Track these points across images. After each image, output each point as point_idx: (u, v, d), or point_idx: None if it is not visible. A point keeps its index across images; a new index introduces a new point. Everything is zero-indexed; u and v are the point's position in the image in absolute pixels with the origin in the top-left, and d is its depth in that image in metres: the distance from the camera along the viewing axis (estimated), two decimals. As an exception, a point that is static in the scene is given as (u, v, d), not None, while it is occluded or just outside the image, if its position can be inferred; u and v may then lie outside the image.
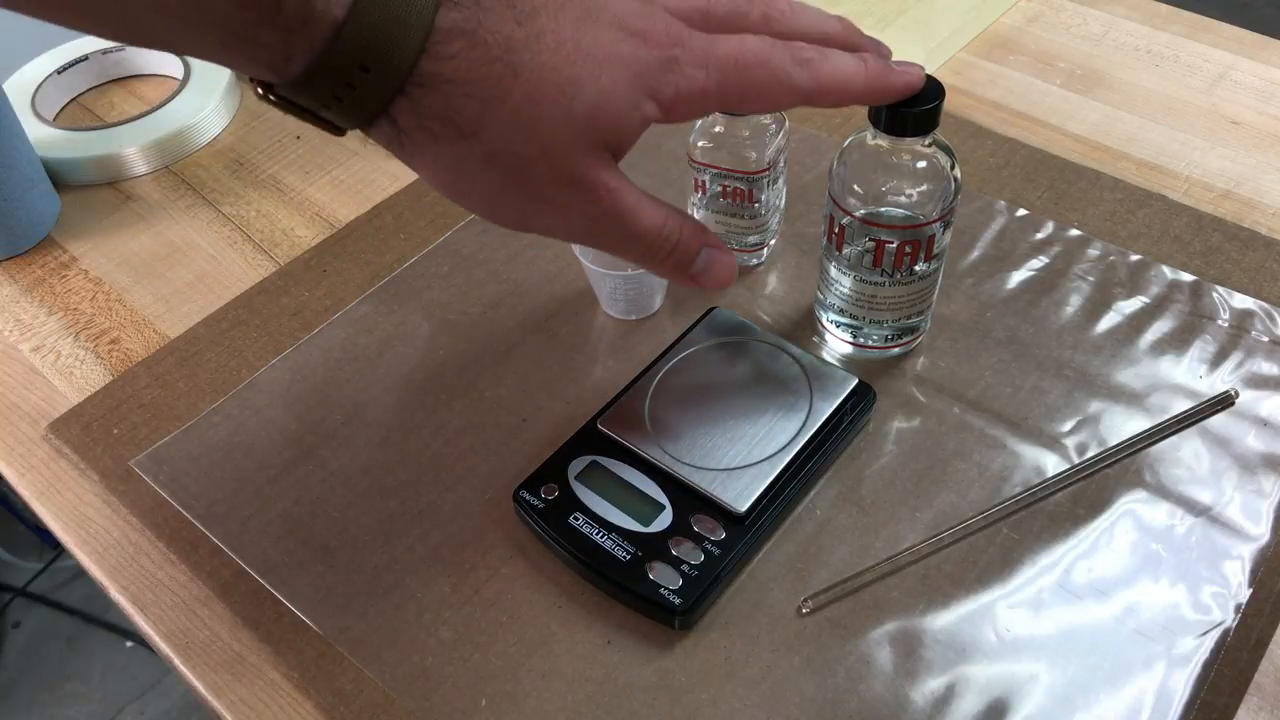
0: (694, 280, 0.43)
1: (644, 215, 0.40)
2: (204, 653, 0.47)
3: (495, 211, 0.39)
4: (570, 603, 0.48)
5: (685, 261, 0.42)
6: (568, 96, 0.36)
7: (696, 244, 0.42)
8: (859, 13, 0.78)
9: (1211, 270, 0.61)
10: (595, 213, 0.39)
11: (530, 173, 0.37)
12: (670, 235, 0.41)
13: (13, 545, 1.54)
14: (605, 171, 0.38)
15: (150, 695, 1.43)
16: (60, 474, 0.55)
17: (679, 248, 0.41)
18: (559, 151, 0.37)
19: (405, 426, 0.55)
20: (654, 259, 0.42)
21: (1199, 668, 0.44)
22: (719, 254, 0.43)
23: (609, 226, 0.39)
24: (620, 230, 0.40)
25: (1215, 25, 0.81)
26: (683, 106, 0.39)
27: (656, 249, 0.41)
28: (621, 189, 0.39)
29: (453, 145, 0.36)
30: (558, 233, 0.40)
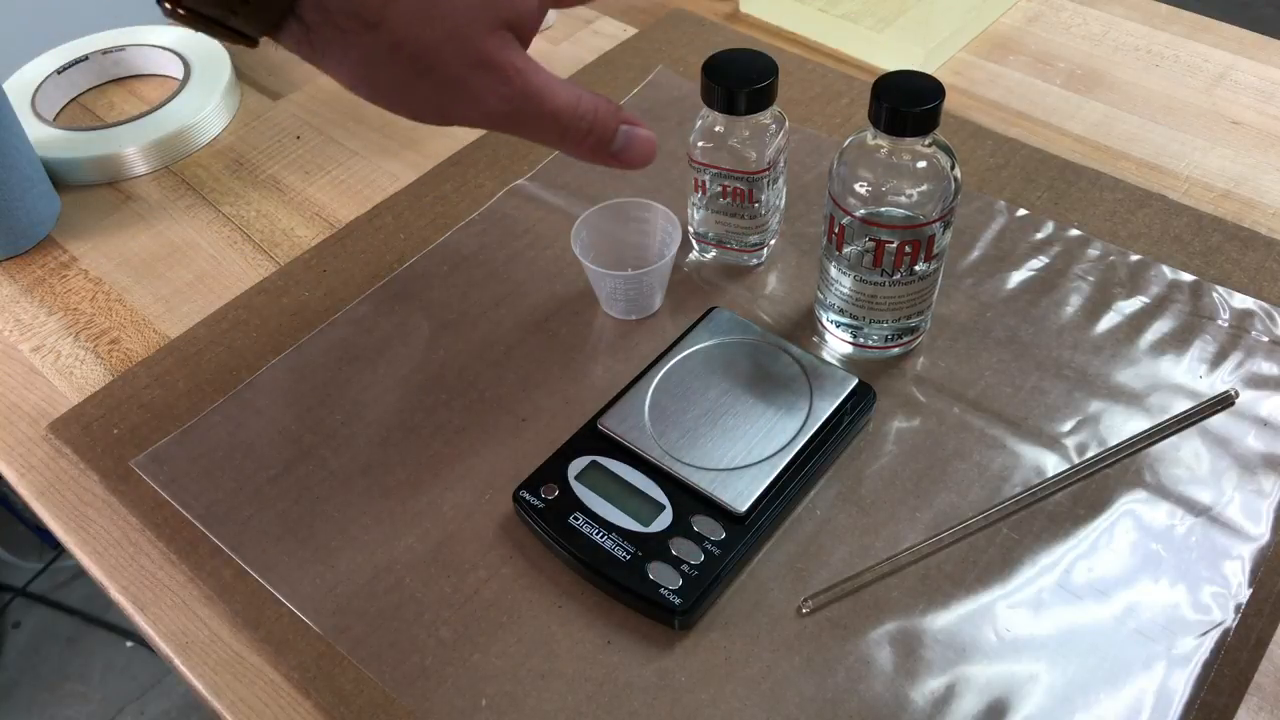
0: (615, 158, 0.44)
1: (557, 94, 0.41)
2: (204, 653, 0.47)
3: (411, 104, 0.40)
4: (570, 603, 0.48)
5: (604, 140, 0.43)
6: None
7: (614, 122, 0.43)
8: (859, 13, 0.78)
9: (1211, 270, 0.61)
10: (507, 92, 0.40)
11: (438, 58, 0.38)
12: (586, 114, 0.42)
13: (13, 545, 1.54)
14: (511, 52, 0.40)
15: (150, 695, 1.43)
16: (60, 474, 0.55)
17: (596, 125, 0.42)
18: (463, 33, 0.38)
19: (405, 426, 0.55)
20: (572, 139, 0.42)
21: (1199, 668, 0.44)
22: (637, 130, 0.44)
23: (523, 107, 0.40)
24: (534, 110, 0.41)
25: (1215, 25, 0.81)
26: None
27: (573, 128, 0.42)
28: (530, 68, 0.40)
29: (360, 38, 0.37)
30: (475, 118, 0.40)
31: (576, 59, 0.81)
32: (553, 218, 0.66)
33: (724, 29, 0.83)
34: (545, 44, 0.83)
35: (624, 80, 0.77)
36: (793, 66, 0.77)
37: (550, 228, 0.66)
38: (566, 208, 0.67)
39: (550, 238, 0.65)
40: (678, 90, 0.76)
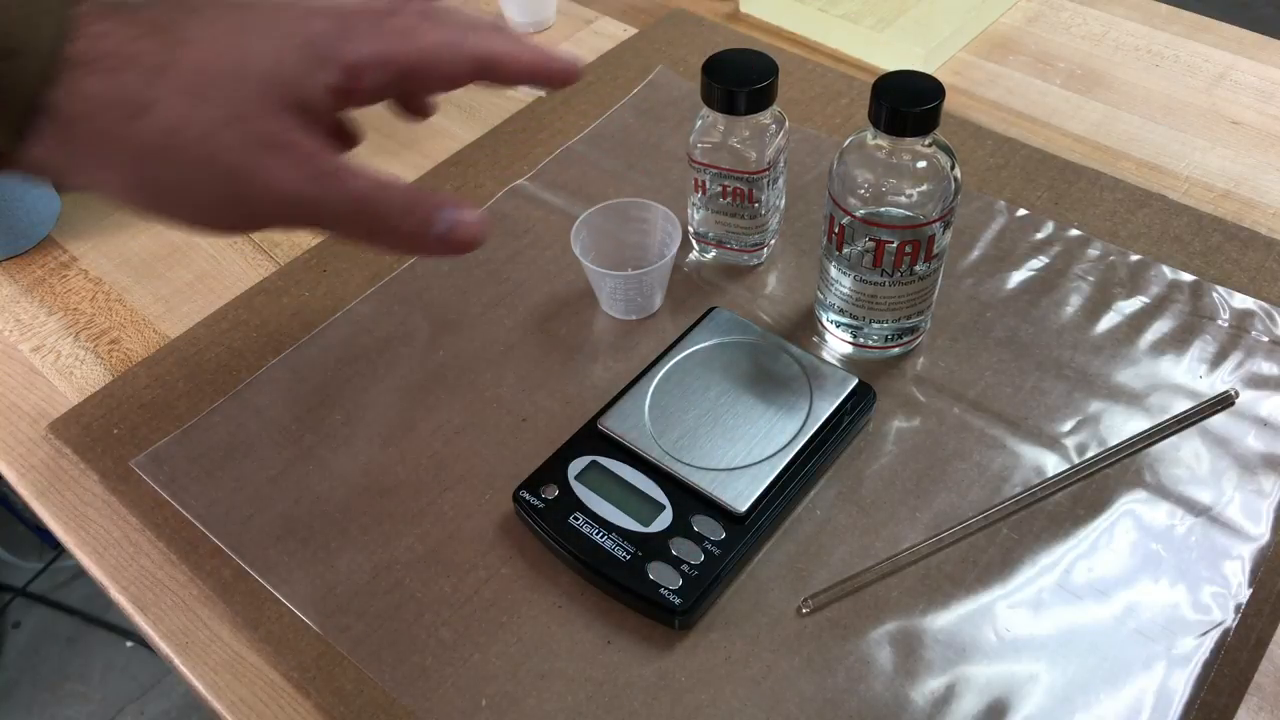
0: (442, 244, 0.39)
1: (362, 179, 0.37)
2: (204, 653, 0.47)
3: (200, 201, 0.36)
4: (570, 603, 0.48)
5: (425, 223, 0.39)
6: (239, 60, 0.35)
7: (432, 205, 0.39)
8: (859, 13, 0.78)
9: (1211, 270, 0.61)
10: (306, 172, 0.36)
11: (220, 141, 0.34)
12: (398, 197, 0.38)
13: (13, 545, 1.54)
14: (303, 133, 0.36)
15: (150, 695, 1.43)
16: (60, 474, 0.55)
17: (414, 208, 0.38)
18: (245, 113, 0.35)
19: (405, 426, 0.55)
20: (388, 224, 0.38)
21: (1199, 668, 0.44)
22: (461, 212, 0.39)
23: (327, 186, 0.36)
24: (340, 192, 0.37)
25: (1215, 25, 0.81)
26: (364, 75, 0.38)
27: (386, 212, 0.38)
28: (329, 149, 0.37)
29: (129, 128, 0.33)
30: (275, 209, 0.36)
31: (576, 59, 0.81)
32: (553, 218, 0.66)
33: (724, 29, 0.83)
34: (545, 44, 0.83)
35: (624, 80, 0.77)
36: (793, 66, 0.77)
37: (550, 228, 0.66)
38: (566, 208, 0.67)
39: (550, 238, 0.65)
40: (678, 90, 0.76)
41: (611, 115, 0.74)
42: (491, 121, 0.75)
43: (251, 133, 0.35)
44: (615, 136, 0.72)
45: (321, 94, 0.37)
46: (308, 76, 0.36)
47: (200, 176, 0.35)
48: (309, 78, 0.36)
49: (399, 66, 0.39)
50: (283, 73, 0.36)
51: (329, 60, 0.37)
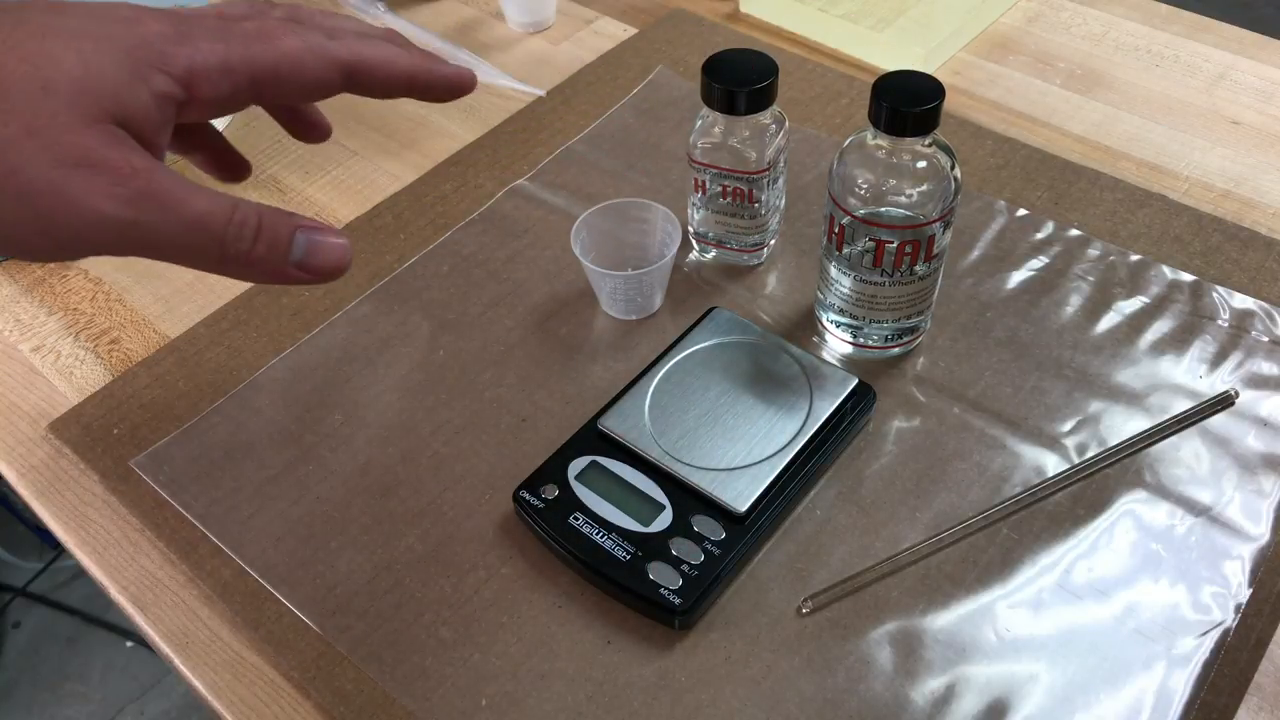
0: (300, 271, 0.35)
1: (198, 197, 0.33)
2: (204, 653, 0.47)
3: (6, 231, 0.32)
4: (570, 603, 0.48)
5: (278, 249, 0.35)
6: (40, 67, 0.31)
7: (286, 228, 0.35)
8: (859, 13, 0.78)
9: (1211, 270, 0.61)
10: (123, 193, 0.32)
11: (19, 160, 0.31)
12: (245, 219, 0.34)
13: (13, 545, 1.54)
14: (121, 149, 0.32)
15: (150, 695, 1.43)
16: (60, 474, 0.55)
17: (263, 233, 0.34)
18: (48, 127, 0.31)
19: (405, 426, 0.55)
20: (234, 251, 0.34)
21: (1199, 668, 0.44)
22: (320, 234, 0.35)
23: (153, 209, 0.32)
24: (169, 218, 0.32)
25: (1215, 25, 0.81)
26: (204, 82, 0.34)
27: (233, 237, 0.33)
28: (155, 168, 0.33)
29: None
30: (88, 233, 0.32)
31: (576, 59, 0.81)
32: (553, 218, 0.66)
33: (724, 29, 0.83)
34: (545, 44, 0.83)
35: (624, 80, 0.77)
36: (793, 66, 0.77)
37: (550, 228, 0.66)
38: (566, 208, 0.67)
39: (550, 238, 0.65)
40: (678, 90, 0.76)
41: (611, 115, 0.74)
42: (491, 121, 0.75)
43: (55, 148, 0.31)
44: (615, 136, 0.72)
45: (148, 104, 0.33)
46: (129, 86, 0.33)
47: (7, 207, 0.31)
48: (131, 87, 0.33)
49: (249, 73, 0.35)
50: (98, 82, 0.32)
51: (158, 67, 0.34)
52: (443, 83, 0.41)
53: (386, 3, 0.87)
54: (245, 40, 0.36)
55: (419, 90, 0.41)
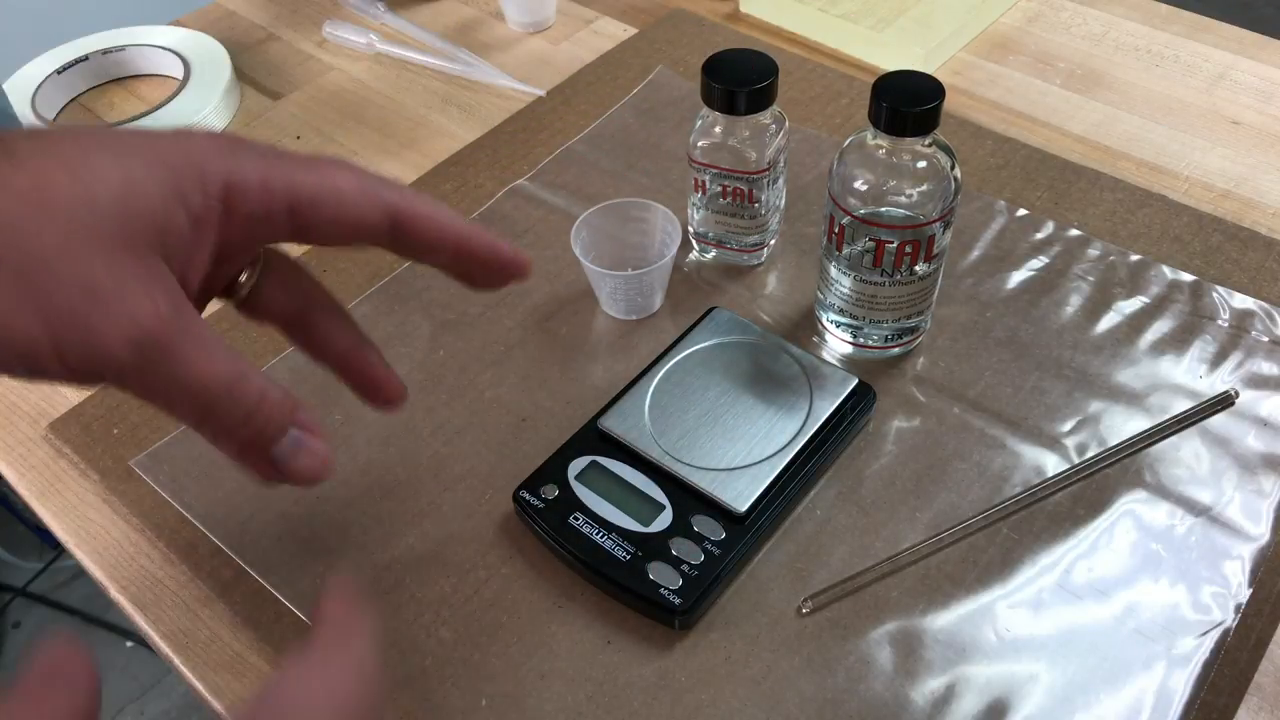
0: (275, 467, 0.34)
1: (210, 360, 0.32)
2: (204, 653, 0.47)
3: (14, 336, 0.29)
4: (570, 603, 0.48)
5: (266, 436, 0.33)
6: (84, 181, 0.29)
7: (281, 418, 0.33)
8: (859, 13, 0.78)
9: (1211, 270, 0.61)
10: (136, 334, 0.30)
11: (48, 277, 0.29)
12: (246, 397, 0.32)
13: (13, 545, 1.54)
14: (152, 282, 0.30)
15: (150, 695, 1.43)
16: (60, 474, 0.55)
17: (258, 415, 0.33)
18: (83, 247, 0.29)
19: (405, 426, 0.55)
20: (219, 422, 0.33)
21: (1199, 668, 0.44)
22: (311, 439, 0.35)
23: (157, 360, 0.31)
24: (172, 370, 0.31)
25: (1215, 25, 0.81)
26: (241, 199, 0.33)
27: (222, 411, 0.32)
28: (180, 314, 0.31)
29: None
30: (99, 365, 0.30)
31: (576, 59, 0.81)
32: (553, 218, 0.66)
33: (724, 29, 0.83)
34: (545, 44, 0.83)
35: (624, 80, 0.77)
36: (793, 66, 0.77)
37: (550, 228, 0.66)
38: (566, 208, 0.67)
39: (550, 238, 0.65)
40: (678, 90, 0.76)
41: (611, 115, 0.74)
42: (491, 121, 0.75)
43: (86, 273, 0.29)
44: (615, 136, 0.72)
45: (184, 226, 0.32)
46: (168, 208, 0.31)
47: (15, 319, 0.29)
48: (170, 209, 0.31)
49: (288, 197, 0.34)
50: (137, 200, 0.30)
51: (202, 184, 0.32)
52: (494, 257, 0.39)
53: (386, 3, 0.87)
54: (292, 165, 0.34)
55: (466, 258, 0.38)
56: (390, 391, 0.42)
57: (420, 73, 0.81)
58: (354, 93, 0.79)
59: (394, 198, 0.36)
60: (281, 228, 0.35)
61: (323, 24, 0.85)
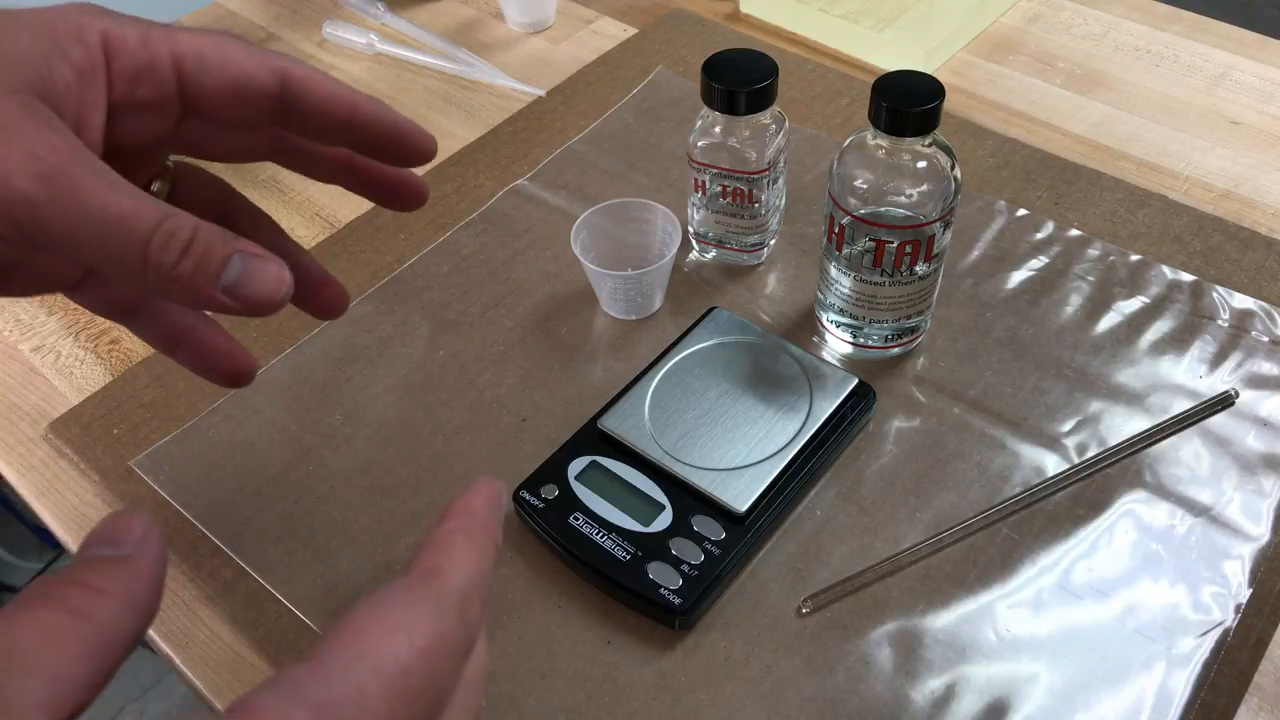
0: (228, 295, 0.31)
1: (119, 196, 0.30)
2: (204, 653, 0.47)
3: None
4: (570, 603, 0.48)
5: (208, 268, 0.31)
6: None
7: (220, 247, 0.31)
8: (859, 13, 0.78)
9: (1211, 270, 0.61)
10: (39, 169, 0.29)
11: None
12: (179, 230, 0.30)
13: (13, 545, 1.54)
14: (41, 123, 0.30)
15: (150, 695, 1.43)
16: (60, 474, 0.55)
17: (195, 246, 0.31)
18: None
19: (405, 426, 0.55)
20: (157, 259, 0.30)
21: (1199, 668, 0.44)
22: (259, 260, 0.32)
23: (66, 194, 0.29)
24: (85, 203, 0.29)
25: (1215, 25, 0.81)
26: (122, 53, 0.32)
27: (157, 245, 0.30)
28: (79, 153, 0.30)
29: None
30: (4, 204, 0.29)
31: (576, 59, 0.81)
32: (553, 218, 0.66)
33: (724, 29, 0.83)
34: (545, 44, 0.83)
35: (624, 80, 0.77)
36: (793, 66, 0.77)
37: (550, 228, 0.66)
38: (566, 208, 0.67)
39: (550, 238, 0.65)
40: (678, 90, 0.76)
41: (611, 115, 0.74)
42: (491, 121, 0.75)
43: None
44: (615, 136, 0.72)
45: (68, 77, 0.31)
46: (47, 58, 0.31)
47: None
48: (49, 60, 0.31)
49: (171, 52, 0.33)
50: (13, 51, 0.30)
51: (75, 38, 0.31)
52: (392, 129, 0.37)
53: (386, 3, 0.87)
54: (176, 30, 0.34)
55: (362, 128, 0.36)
56: (334, 294, 0.41)
57: (420, 73, 0.81)
58: (354, 93, 0.79)
59: (284, 63, 0.35)
60: (168, 90, 0.34)
61: (323, 24, 0.85)
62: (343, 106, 0.36)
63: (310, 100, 0.35)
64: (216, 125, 0.36)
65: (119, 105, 0.33)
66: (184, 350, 0.41)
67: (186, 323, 0.41)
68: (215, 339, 0.42)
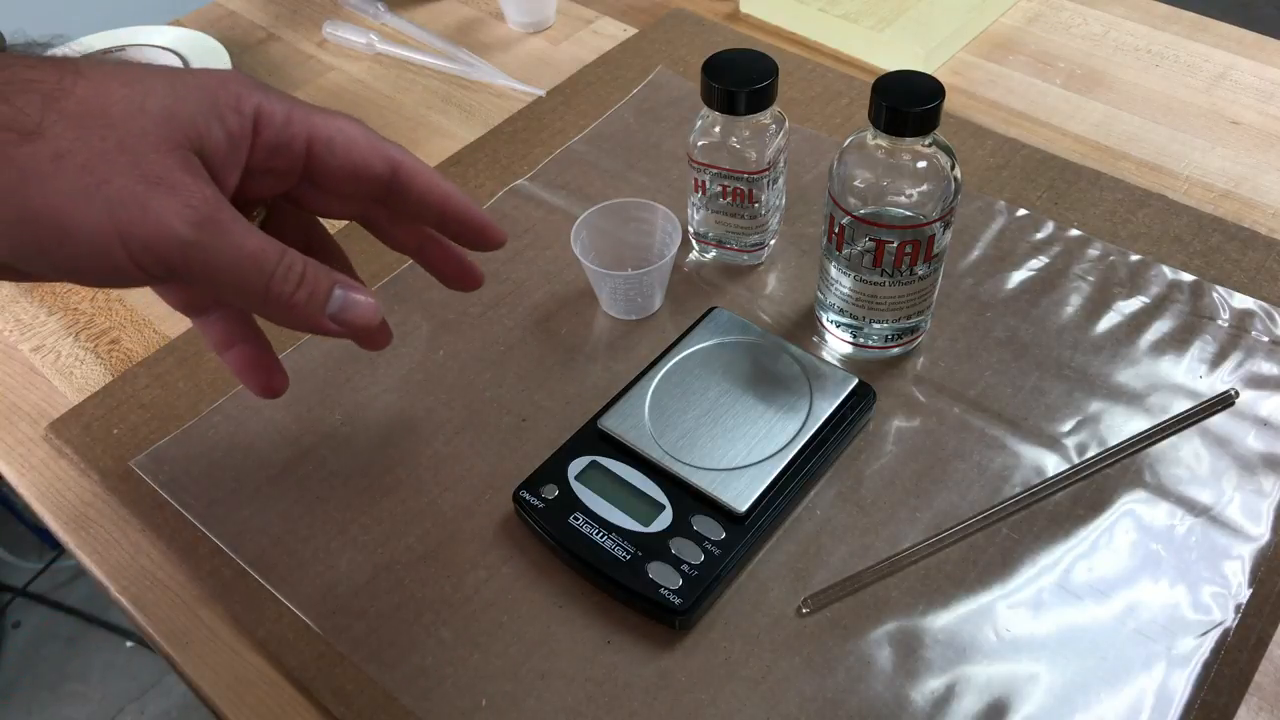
0: (334, 321, 0.39)
1: (252, 236, 0.36)
2: (204, 653, 0.47)
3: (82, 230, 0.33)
4: (570, 603, 0.48)
5: (318, 297, 0.38)
6: (139, 93, 0.35)
7: (328, 280, 0.38)
8: (859, 13, 0.78)
9: (1211, 270, 0.61)
10: (194, 216, 0.34)
11: (112, 169, 0.33)
12: (292, 263, 0.37)
13: (13, 545, 1.54)
14: (196, 176, 0.35)
15: (150, 695, 1.43)
16: (60, 474, 0.55)
17: (306, 280, 0.37)
18: (139, 146, 0.34)
19: (405, 426, 0.55)
20: (278, 290, 0.37)
21: (1199, 668, 0.44)
22: (355, 294, 0.39)
23: (214, 236, 0.35)
24: (226, 245, 0.35)
25: (1215, 25, 0.81)
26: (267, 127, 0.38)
27: (278, 277, 0.37)
28: (223, 203, 0.36)
29: (14, 152, 0.32)
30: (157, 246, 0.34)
31: (576, 59, 0.81)
32: (553, 218, 0.66)
33: (724, 29, 0.83)
34: (545, 44, 0.83)
35: (624, 80, 0.77)
36: (793, 66, 0.77)
37: (550, 228, 0.66)
38: (566, 208, 0.67)
39: (550, 238, 0.65)
40: (678, 90, 0.76)
41: (611, 115, 0.74)
42: (491, 121, 0.75)
43: (142, 165, 0.34)
44: (615, 136, 0.72)
45: (220, 140, 0.36)
46: (207, 120, 0.36)
47: (82, 207, 0.33)
48: (209, 121, 0.36)
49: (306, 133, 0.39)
50: (183, 110, 0.35)
51: (233, 107, 0.37)
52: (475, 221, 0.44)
53: (386, 3, 0.87)
54: (312, 109, 0.39)
55: (451, 217, 0.44)
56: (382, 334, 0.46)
57: (420, 73, 0.81)
58: (354, 93, 0.79)
59: (396, 152, 0.41)
60: (297, 163, 0.39)
61: (323, 24, 0.85)
62: (438, 196, 0.43)
63: (414, 189, 0.42)
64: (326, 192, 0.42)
65: (254, 169, 0.39)
66: (233, 355, 0.46)
67: (242, 332, 0.46)
68: (263, 353, 0.47)
